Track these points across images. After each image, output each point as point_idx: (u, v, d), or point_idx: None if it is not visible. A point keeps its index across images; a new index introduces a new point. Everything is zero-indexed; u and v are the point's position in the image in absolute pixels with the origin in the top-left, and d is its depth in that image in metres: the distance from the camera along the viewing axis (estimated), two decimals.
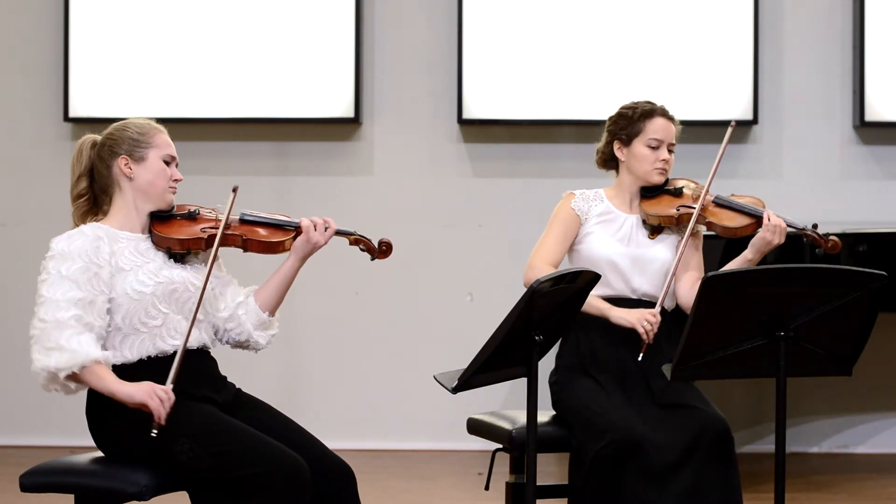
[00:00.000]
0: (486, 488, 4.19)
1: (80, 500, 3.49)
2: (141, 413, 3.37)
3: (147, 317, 3.48)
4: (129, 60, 6.42)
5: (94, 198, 3.68)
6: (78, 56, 6.43)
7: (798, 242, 5.46)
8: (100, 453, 3.58)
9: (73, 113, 6.44)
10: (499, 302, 4.65)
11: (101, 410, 3.49)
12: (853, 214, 6.39)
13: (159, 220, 3.60)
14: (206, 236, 3.58)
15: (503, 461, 4.16)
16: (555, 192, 4.43)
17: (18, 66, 6.57)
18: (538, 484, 3.52)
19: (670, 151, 4.21)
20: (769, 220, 4.13)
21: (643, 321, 4.02)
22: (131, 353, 3.49)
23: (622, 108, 4.31)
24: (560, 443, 4.05)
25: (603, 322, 4.07)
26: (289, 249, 3.69)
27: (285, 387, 6.49)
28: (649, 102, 4.28)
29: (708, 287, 3.30)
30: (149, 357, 3.49)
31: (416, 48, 6.50)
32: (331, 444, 3.69)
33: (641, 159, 4.19)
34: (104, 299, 3.45)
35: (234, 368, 3.90)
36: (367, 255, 3.85)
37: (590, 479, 3.87)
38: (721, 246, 5.33)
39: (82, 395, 3.62)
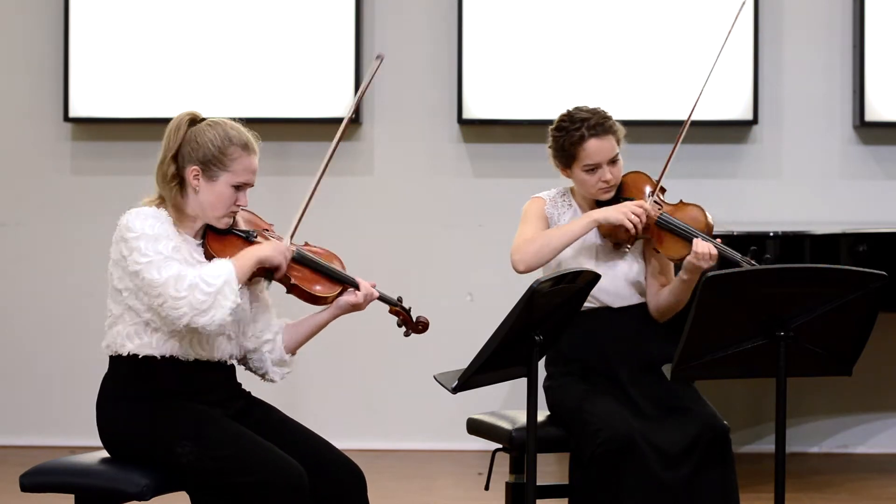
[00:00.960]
0: (486, 488, 4.19)
1: (80, 500, 3.49)
2: (143, 415, 3.39)
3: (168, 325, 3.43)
4: (129, 60, 6.42)
5: (181, 181, 3.49)
6: (78, 56, 6.43)
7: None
8: (100, 454, 3.58)
9: (73, 113, 6.44)
10: (499, 302, 4.65)
11: (113, 406, 3.48)
12: (853, 214, 6.39)
13: (215, 231, 3.51)
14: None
15: (503, 461, 4.16)
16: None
17: (18, 66, 6.57)
18: (538, 484, 3.52)
19: (614, 163, 4.08)
20: (697, 248, 3.95)
21: (630, 215, 3.95)
22: (158, 347, 3.44)
23: (556, 128, 4.13)
24: (560, 443, 4.05)
25: (594, 326, 4.06)
26: (330, 304, 3.63)
27: (285, 387, 6.46)
28: (580, 123, 4.08)
29: (708, 287, 3.30)
30: (172, 356, 3.45)
31: (416, 48, 6.50)
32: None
33: (583, 184, 4.11)
34: None
35: (238, 370, 3.89)
36: (402, 329, 3.76)
37: (588, 479, 3.87)
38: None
39: (85, 394, 3.62)
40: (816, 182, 6.45)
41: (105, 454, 3.56)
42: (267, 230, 3.61)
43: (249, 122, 6.63)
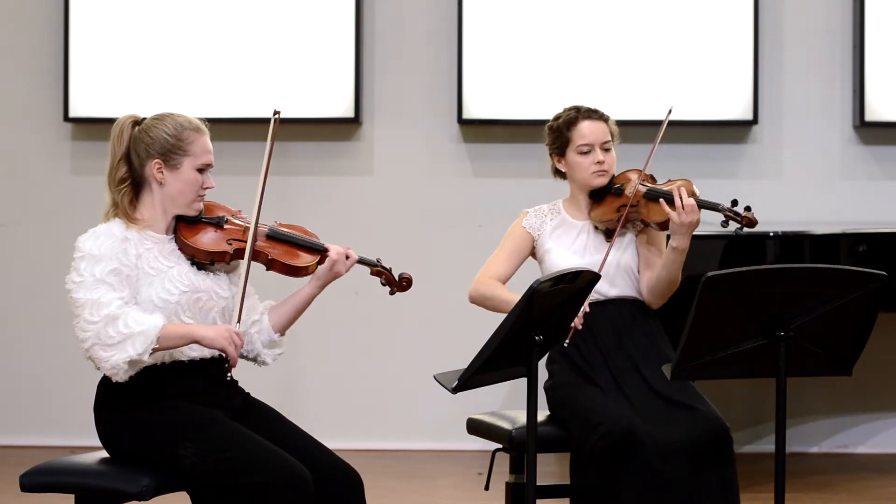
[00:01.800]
0: (486, 488, 4.20)
1: (81, 500, 3.49)
2: (142, 418, 3.39)
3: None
4: (129, 60, 6.42)
5: (135, 184, 3.54)
6: (78, 56, 6.43)
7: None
8: (100, 453, 3.57)
9: (73, 113, 6.44)
10: None
11: (110, 410, 3.48)
12: (853, 214, 6.39)
13: (185, 222, 3.54)
14: (231, 250, 3.53)
15: (503, 461, 4.16)
16: (554, 192, 4.43)
17: (18, 66, 6.57)
18: (538, 484, 3.52)
19: (607, 150, 4.20)
20: (679, 201, 4.03)
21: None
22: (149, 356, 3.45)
23: (550, 121, 4.29)
24: (560, 443, 4.06)
25: (590, 320, 4.06)
26: (311, 274, 3.65)
27: (285, 387, 6.49)
28: (573, 109, 4.24)
29: (708, 287, 3.30)
30: (163, 363, 3.47)
31: (416, 48, 6.51)
32: (330, 444, 3.69)
33: (577, 167, 4.20)
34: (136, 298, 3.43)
35: (235, 368, 3.89)
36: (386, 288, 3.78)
37: (589, 475, 3.88)
38: (721, 245, 5.33)
39: (85, 394, 3.62)
40: (816, 182, 6.45)
41: (105, 454, 3.56)
42: (235, 215, 3.62)
43: (249, 122, 6.67)
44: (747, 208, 4.03)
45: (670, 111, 4.32)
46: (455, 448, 6.41)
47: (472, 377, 3.38)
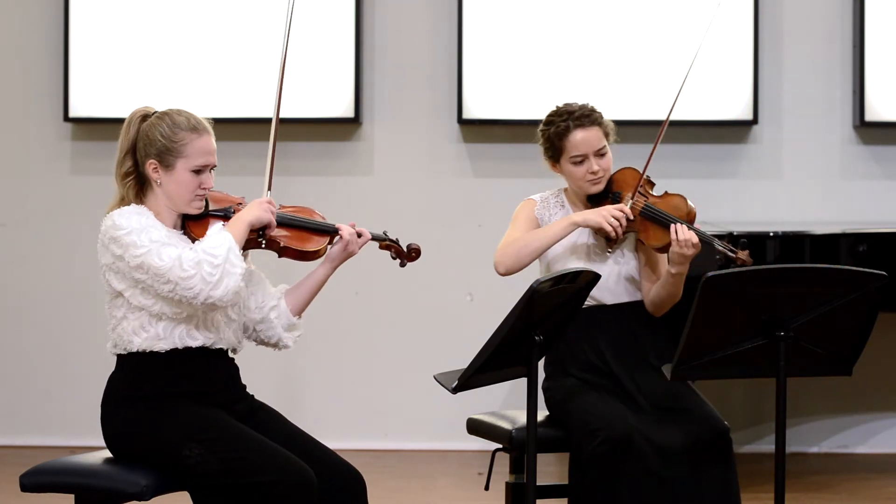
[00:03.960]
0: (486, 488, 4.19)
1: (81, 500, 3.49)
2: (149, 416, 3.40)
3: (185, 309, 3.44)
4: (129, 60, 6.42)
5: (139, 177, 3.54)
6: (78, 56, 6.43)
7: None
8: (101, 453, 3.58)
9: (73, 113, 6.44)
10: (499, 302, 4.65)
11: (117, 406, 3.48)
12: (853, 214, 6.39)
13: (192, 219, 3.54)
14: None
15: (503, 461, 4.16)
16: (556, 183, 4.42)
17: (18, 66, 6.57)
18: (538, 484, 3.52)
19: (602, 155, 4.12)
20: (676, 235, 3.97)
21: (609, 217, 3.96)
22: (166, 336, 3.45)
23: (542, 124, 4.21)
24: (560, 443, 4.05)
25: (589, 324, 4.05)
26: (322, 256, 3.66)
27: (285, 387, 6.49)
28: (565, 116, 4.14)
29: (708, 287, 3.30)
30: (174, 349, 3.47)
31: (417, 48, 6.50)
32: (331, 444, 3.69)
33: (572, 176, 4.15)
34: None
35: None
36: (396, 261, 3.81)
37: (587, 479, 3.87)
38: None
39: (85, 394, 3.62)
40: (816, 182, 6.45)
41: (105, 454, 3.56)
42: (241, 203, 3.63)
43: (249, 123, 6.67)
44: (743, 245, 3.98)
45: (671, 111, 4.27)
46: (455, 448, 6.41)
47: (472, 377, 3.38)
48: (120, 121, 3.67)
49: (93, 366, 3.63)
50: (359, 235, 3.70)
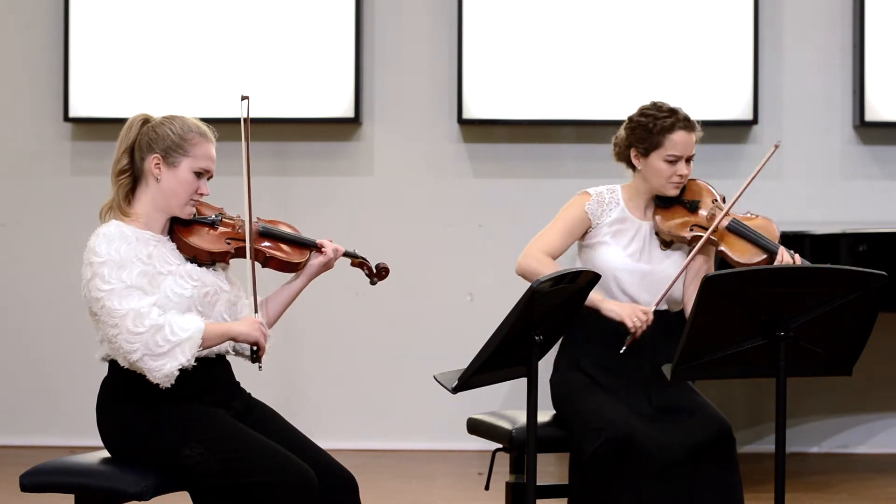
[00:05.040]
0: (486, 488, 4.19)
1: (81, 500, 3.49)
2: (146, 418, 3.40)
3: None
4: (129, 60, 6.42)
5: (134, 177, 3.55)
6: (78, 56, 6.43)
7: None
8: (101, 453, 3.57)
9: (73, 113, 6.44)
10: (499, 302, 4.65)
11: (114, 408, 3.47)
12: (853, 214, 6.39)
13: (180, 224, 3.55)
14: (232, 249, 3.56)
15: (503, 461, 4.16)
16: (555, 192, 4.44)
17: (19, 67, 6.57)
18: (538, 484, 3.52)
19: (689, 162, 4.13)
20: (782, 259, 4.00)
21: (633, 316, 3.98)
22: None
23: (642, 114, 4.15)
24: (560, 443, 4.05)
25: (602, 323, 4.05)
26: (302, 269, 3.71)
27: (285, 387, 6.49)
28: (671, 113, 4.13)
29: (708, 287, 3.30)
30: None
31: (417, 48, 6.50)
32: (331, 444, 3.70)
33: (658, 173, 4.11)
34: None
35: (235, 368, 3.89)
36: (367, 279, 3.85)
37: (588, 478, 3.87)
38: None
39: (86, 394, 3.62)
40: (816, 182, 6.45)
41: (105, 454, 3.56)
42: (220, 212, 3.65)
43: (250, 123, 6.63)
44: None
45: (776, 148, 4.21)
46: (455, 448, 6.41)
47: (472, 377, 3.38)
48: (120, 121, 3.67)
49: (93, 366, 3.61)
50: (333, 251, 3.73)
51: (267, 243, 3.65)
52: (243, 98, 3.62)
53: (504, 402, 6.30)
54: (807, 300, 3.36)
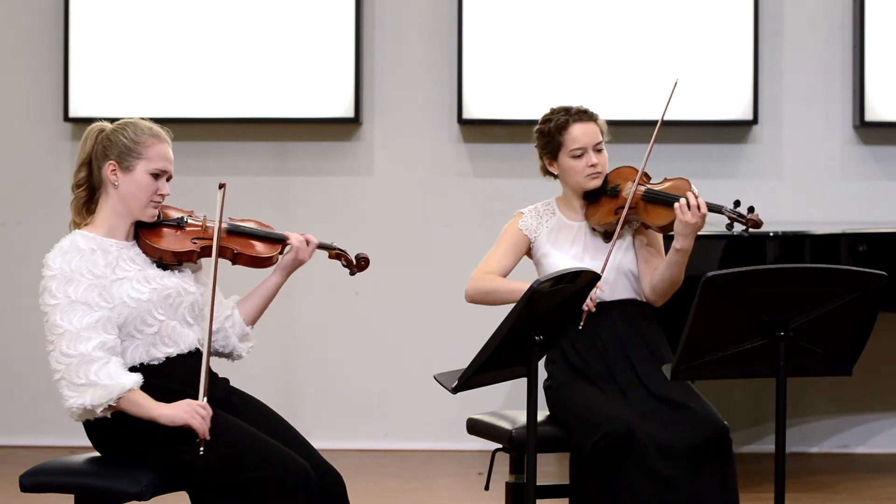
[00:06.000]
0: (486, 488, 4.19)
1: (80, 500, 3.49)
2: (137, 420, 3.38)
3: (143, 324, 3.46)
4: (129, 60, 6.43)
5: (91, 189, 3.61)
6: (78, 56, 6.43)
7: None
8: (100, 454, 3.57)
9: (73, 113, 6.44)
10: None
11: (103, 418, 3.45)
12: (853, 214, 6.39)
13: (145, 227, 3.58)
14: (198, 249, 3.57)
15: (503, 461, 4.16)
16: (554, 192, 4.43)
17: (19, 67, 6.57)
18: (538, 484, 3.52)
19: (599, 151, 4.17)
20: (687, 202, 4.01)
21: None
22: (130, 359, 3.46)
23: (539, 124, 4.26)
24: (560, 443, 4.06)
25: (590, 320, 4.05)
26: (275, 264, 3.71)
27: (285, 387, 6.49)
28: (563, 111, 4.20)
29: (708, 287, 3.30)
30: (141, 364, 3.47)
31: (417, 48, 6.50)
32: (330, 444, 3.70)
33: (571, 171, 4.18)
34: (115, 311, 3.43)
35: (235, 368, 3.90)
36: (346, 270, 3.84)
37: (588, 475, 3.88)
38: (721, 246, 5.33)
39: None
40: (816, 182, 6.45)
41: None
42: (191, 214, 3.67)
43: (249, 122, 6.66)
44: (751, 209, 4.02)
45: (676, 84, 4.28)
46: (455, 448, 6.41)
47: (472, 377, 3.38)
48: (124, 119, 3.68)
49: None
50: (307, 243, 3.72)
51: (234, 241, 3.65)
52: (220, 186, 3.60)
53: (504, 402, 6.30)
54: (807, 300, 3.36)
